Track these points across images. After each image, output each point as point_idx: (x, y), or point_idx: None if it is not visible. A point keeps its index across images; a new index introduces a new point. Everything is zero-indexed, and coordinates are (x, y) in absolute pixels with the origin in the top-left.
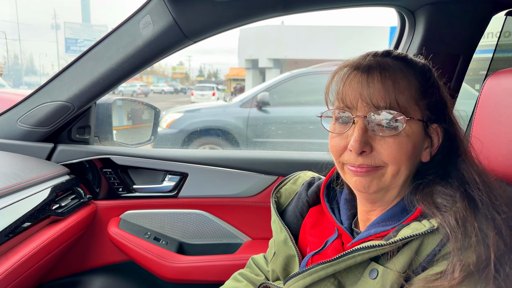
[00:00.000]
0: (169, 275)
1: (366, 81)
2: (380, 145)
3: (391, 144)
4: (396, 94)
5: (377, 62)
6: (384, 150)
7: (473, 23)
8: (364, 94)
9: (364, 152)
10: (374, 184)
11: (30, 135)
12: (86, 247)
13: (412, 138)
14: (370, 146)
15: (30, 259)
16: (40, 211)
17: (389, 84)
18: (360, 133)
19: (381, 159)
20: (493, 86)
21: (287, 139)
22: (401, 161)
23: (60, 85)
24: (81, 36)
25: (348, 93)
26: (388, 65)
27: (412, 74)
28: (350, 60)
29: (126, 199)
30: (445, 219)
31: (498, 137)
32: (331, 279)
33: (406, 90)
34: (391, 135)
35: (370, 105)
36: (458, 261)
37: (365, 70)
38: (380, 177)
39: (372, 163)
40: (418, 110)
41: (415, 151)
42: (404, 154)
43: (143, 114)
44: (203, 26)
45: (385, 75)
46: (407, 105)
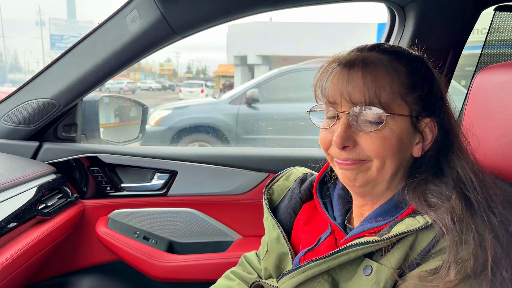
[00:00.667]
0: (159, 274)
1: (347, 77)
2: (363, 140)
3: (374, 139)
4: (377, 90)
5: (360, 57)
6: (367, 145)
7: (462, 18)
8: (343, 91)
9: (347, 147)
10: (360, 177)
11: (14, 133)
12: (74, 247)
13: (396, 133)
14: (354, 141)
15: (16, 261)
16: (26, 211)
17: (369, 79)
18: (343, 129)
19: (365, 153)
20: (483, 81)
21: (277, 135)
22: (385, 156)
23: (45, 82)
24: (67, 32)
25: (331, 89)
26: (372, 59)
27: (399, 68)
28: (336, 55)
29: (114, 198)
30: (438, 216)
31: (488, 132)
32: (325, 276)
33: (388, 86)
34: (373, 130)
35: (350, 101)
36: (453, 260)
37: (347, 66)
38: (366, 171)
39: (356, 157)
40: (405, 105)
41: (401, 146)
42: (387, 149)
43: (130, 111)
44: (191, 21)
45: (366, 70)
46: (389, 101)
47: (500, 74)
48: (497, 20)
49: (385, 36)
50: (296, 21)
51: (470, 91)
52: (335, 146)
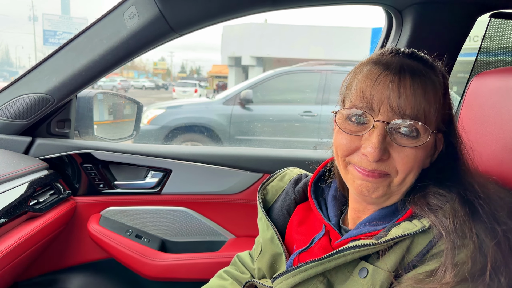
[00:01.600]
0: (151, 273)
1: (397, 85)
2: (397, 154)
3: (408, 153)
4: (425, 105)
5: (407, 64)
6: (400, 160)
7: (459, 24)
8: (392, 99)
9: (381, 159)
10: (380, 190)
11: (7, 128)
12: (65, 244)
13: (427, 149)
14: (388, 153)
15: (6, 257)
16: (17, 207)
17: (419, 92)
18: (380, 140)
19: (395, 167)
20: (478, 87)
21: (270, 136)
22: (412, 170)
23: (39, 77)
24: (60, 28)
25: (375, 94)
26: (419, 70)
27: (438, 83)
28: (374, 57)
29: (107, 195)
30: (438, 219)
31: (483, 137)
32: (320, 278)
33: (433, 101)
34: (412, 146)
35: (396, 111)
36: (450, 263)
37: (396, 72)
38: (387, 185)
39: (386, 170)
40: (436, 122)
41: (425, 160)
42: (416, 164)
43: (124, 109)
44: (190, 19)
45: (415, 81)
46: (432, 118)
47: (495, 80)
48: (493, 26)
49: (381, 40)
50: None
51: (465, 96)
52: (367, 156)
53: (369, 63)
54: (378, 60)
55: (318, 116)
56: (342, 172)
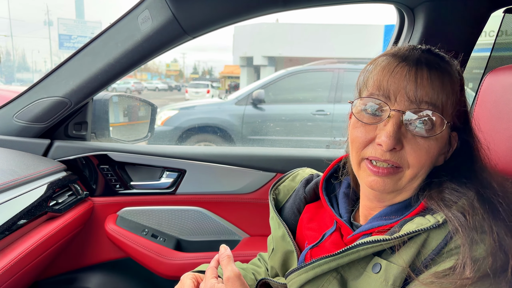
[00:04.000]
0: (167, 272)
1: (414, 75)
2: (410, 145)
3: (421, 145)
4: (442, 96)
5: (424, 57)
6: (413, 151)
7: (472, 20)
8: (409, 88)
9: (395, 149)
10: (390, 186)
11: (26, 131)
12: (83, 244)
13: (440, 143)
14: (401, 144)
15: (27, 257)
16: (37, 208)
17: (437, 84)
18: (395, 129)
19: (406, 160)
20: (492, 83)
21: (283, 136)
22: (424, 165)
23: (57, 80)
24: (75, 32)
25: (392, 84)
26: (436, 63)
27: (455, 78)
28: (392, 50)
29: (124, 196)
30: (453, 213)
31: (498, 133)
32: (334, 273)
33: (451, 94)
34: (425, 136)
35: (413, 100)
36: (468, 257)
37: (413, 64)
38: (398, 180)
39: (398, 161)
40: (452, 116)
41: (438, 156)
42: (429, 158)
43: (139, 111)
44: (202, 21)
45: (433, 73)
46: (449, 110)
47: (510, 76)
48: (507, 21)
49: (394, 38)
50: (303, 22)
51: (479, 93)
52: (380, 145)
53: (387, 56)
54: (395, 53)
55: (330, 115)
56: (355, 168)
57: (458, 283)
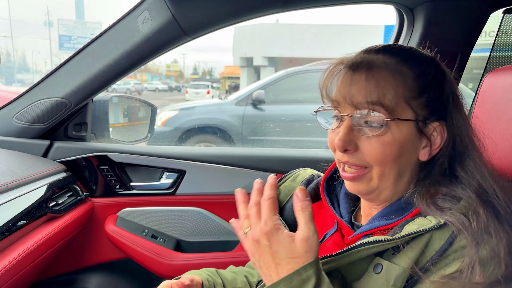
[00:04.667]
0: (167, 272)
1: (350, 80)
2: (364, 145)
3: (374, 144)
4: (380, 93)
5: (366, 60)
6: (367, 151)
7: (471, 21)
8: (346, 94)
9: (348, 150)
10: (363, 188)
11: (26, 132)
12: (83, 244)
13: (398, 139)
14: (355, 145)
15: (27, 257)
16: (37, 209)
17: (372, 83)
18: (345, 132)
19: (365, 159)
20: (491, 84)
21: (282, 137)
22: (384, 163)
23: (56, 82)
24: (75, 33)
25: (335, 91)
26: (377, 62)
27: (405, 71)
28: (343, 57)
29: (123, 197)
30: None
31: (497, 134)
32: (335, 274)
33: (392, 89)
34: (374, 135)
35: (355, 104)
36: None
37: (352, 68)
38: (368, 181)
39: (357, 162)
40: (410, 109)
41: (403, 152)
42: (387, 155)
43: (139, 112)
44: (202, 22)
45: (370, 73)
46: (393, 105)
47: (509, 76)
48: (506, 22)
49: (393, 38)
50: (302, 22)
51: (478, 93)
52: (337, 149)
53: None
54: (341, 60)
55: None
56: None
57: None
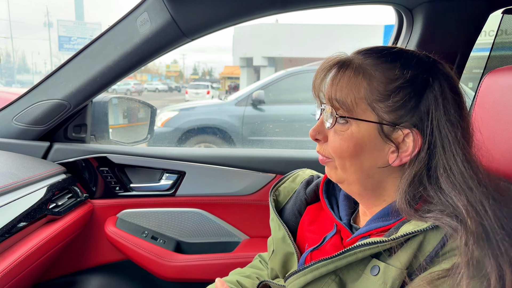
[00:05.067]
0: (167, 274)
1: (322, 77)
2: (329, 137)
3: (336, 138)
4: (338, 91)
5: (338, 59)
6: (330, 143)
7: (470, 21)
8: (317, 88)
9: (319, 140)
10: (332, 174)
11: (25, 134)
12: (83, 246)
13: (356, 138)
14: (324, 136)
15: (27, 259)
16: (37, 210)
17: (336, 81)
18: (318, 123)
19: (328, 150)
20: (491, 84)
21: (282, 137)
22: (342, 156)
23: (56, 83)
24: (75, 34)
25: (316, 88)
26: (347, 62)
27: (373, 73)
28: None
29: (123, 198)
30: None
31: (496, 135)
32: (332, 276)
33: (355, 89)
34: (336, 129)
35: (318, 97)
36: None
37: (329, 68)
38: (334, 169)
39: (323, 153)
40: (371, 111)
41: (361, 150)
42: (344, 151)
43: (139, 113)
44: (201, 23)
45: (339, 72)
46: (351, 104)
47: (509, 77)
48: (506, 22)
49: (392, 39)
50: (302, 22)
51: (477, 93)
52: None
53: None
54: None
55: None
56: None
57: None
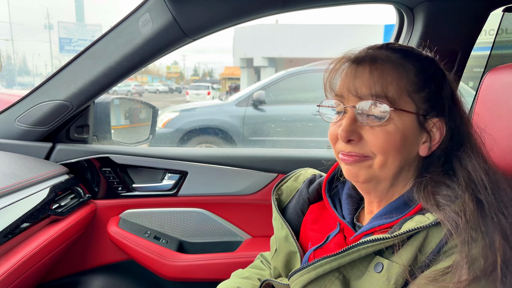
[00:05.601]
0: (170, 273)
1: (354, 72)
2: (368, 135)
3: (378, 133)
4: (383, 84)
5: (369, 54)
6: (371, 140)
7: (471, 20)
8: (350, 85)
9: (352, 140)
10: (362, 173)
11: (28, 135)
12: (85, 246)
13: (401, 130)
14: (359, 135)
15: (30, 260)
16: (40, 211)
17: (376, 74)
18: (348, 123)
19: (369, 149)
20: (492, 82)
21: (284, 137)
22: (388, 152)
23: (58, 84)
24: (75, 35)
25: (339, 84)
26: (380, 56)
27: (407, 66)
28: (346, 53)
29: (126, 198)
30: (446, 215)
31: (498, 132)
32: (336, 274)
33: (395, 81)
34: (378, 125)
35: (358, 95)
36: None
37: (355, 62)
38: (368, 168)
39: (360, 152)
40: (411, 102)
41: (405, 143)
42: (391, 145)
43: (140, 113)
44: (202, 24)
45: (374, 66)
46: (395, 96)
47: (509, 75)
48: (506, 20)
49: (393, 38)
50: (302, 23)
51: (479, 92)
52: (340, 139)
53: (338, 59)
54: (345, 56)
55: None
56: (339, 163)
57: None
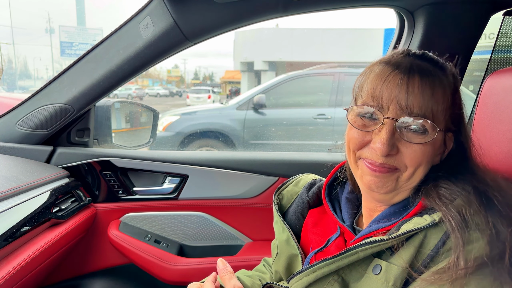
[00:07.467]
0: (170, 277)
1: (405, 85)
2: (405, 149)
3: (416, 149)
4: (433, 104)
5: (417, 65)
6: (409, 155)
7: (471, 24)
8: (401, 98)
9: (391, 155)
10: (388, 185)
11: (29, 138)
12: (86, 250)
13: (433, 145)
14: (396, 149)
15: (31, 263)
16: (41, 214)
17: (427, 92)
18: (389, 136)
19: (402, 161)
20: (493, 85)
21: (284, 140)
22: (420, 165)
23: (59, 87)
24: (77, 39)
25: (384, 93)
26: (428, 70)
27: (447, 83)
28: (386, 57)
29: (126, 202)
30: (448, 211)
31: (499, 136)
32: (335, 276)
33: (441, 100)
34: (421, 142)
35: (405, 109)
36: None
37: (405, 72)
38: (395, 180)
39: (395, 164)
40: (443, 119)
41: (434, 157)
42: (425, 159)
43: (141, 117)
44: (203, 27)
45: (424, 81)
46: (438, 115)
47: (510, 78)
48: (507, 24)
49: (394, 42)
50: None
51: (480, 95)
52: (376, 151)
53: (381, 63)
54: (389, 60)
55: (332, 118)
56: (352, 167)
57: (454, 275)
